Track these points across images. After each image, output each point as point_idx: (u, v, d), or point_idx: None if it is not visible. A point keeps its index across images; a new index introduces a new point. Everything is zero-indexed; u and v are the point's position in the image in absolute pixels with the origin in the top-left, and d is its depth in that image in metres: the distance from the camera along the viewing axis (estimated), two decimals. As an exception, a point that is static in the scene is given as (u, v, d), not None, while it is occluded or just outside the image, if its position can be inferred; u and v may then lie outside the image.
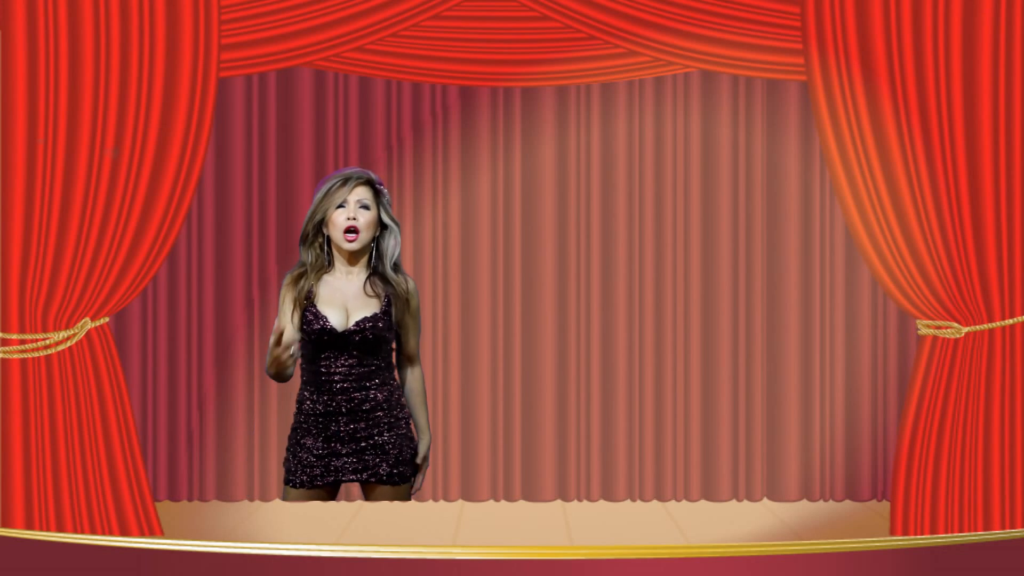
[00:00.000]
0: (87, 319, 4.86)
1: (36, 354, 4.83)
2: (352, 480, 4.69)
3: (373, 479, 4.68)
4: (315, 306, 4.64)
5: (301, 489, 4.70)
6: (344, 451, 4.66)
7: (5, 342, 4.84)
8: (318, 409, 4.65)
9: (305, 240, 4.70)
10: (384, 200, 4.71)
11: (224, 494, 6.20)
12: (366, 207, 4.66)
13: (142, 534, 4.88)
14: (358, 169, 4.72)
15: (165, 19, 4.86)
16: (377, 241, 4.72)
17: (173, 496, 6.20)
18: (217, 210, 6.19)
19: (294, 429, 4.73)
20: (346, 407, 4.65)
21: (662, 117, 6.27)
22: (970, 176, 4.89)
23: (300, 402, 4.72)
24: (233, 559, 4.36)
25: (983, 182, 4.88)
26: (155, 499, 5.40)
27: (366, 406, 4.67)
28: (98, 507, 4.87)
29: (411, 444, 4.75)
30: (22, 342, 4.84)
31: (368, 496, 4.75)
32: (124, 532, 4.87)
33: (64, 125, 4.83)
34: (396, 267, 4.73)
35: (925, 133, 4.89)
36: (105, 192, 4.84)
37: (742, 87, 6.25)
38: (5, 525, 4.79)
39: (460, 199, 6.27)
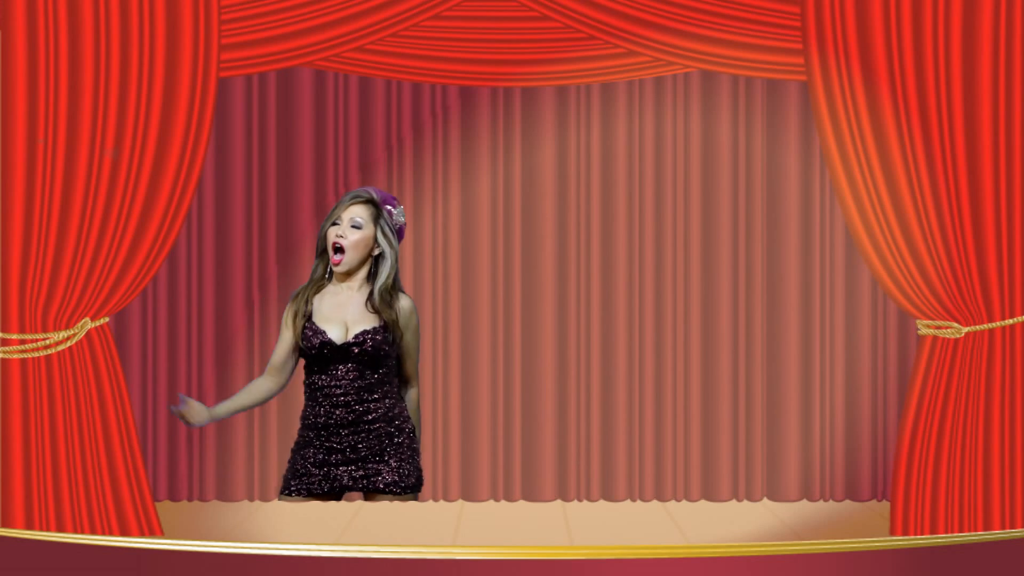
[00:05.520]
0: (87, 319, 4.86)
1: (36, 354, 4.83)
2: (352, 489, 4.70)
3: (374, 488, 4.69)
4: (313, 322, 4.66)
5: (298, 497, 4.71)
6: (344, 460, 4.67)
7: (5, 342, 4.84)
8: (319, 422, 4.67)
9: (317, 252, 4.75)
10: (385, 221, 4.69)
11: (224, 494, 6.20)
12: (358, 227, 4.66)
13: (142, 534, 4.88)
14: (368, 189, 4.73)
15: (165, 19, 4.86)
16: (374, 267, 4.71)
17: (173, 496, 6.20)
18: (217, 210, 6.19)
19: (296, 443, 4.75)
20: (348, 419, 4.66)
21: (662, 117, 6.27)
22: (970, 176, 4.89)
23: (304, 416, 4.74)
24: (233, 559, 4.36)
25: (983, 182, 4.88)
26: (155, 499, 5.40)
27: (368, 417, 4.67)
28: (98, 507, 4.87)
29: (413, 457, 4.74)
30: (22, 342, 4.84)
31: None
32: (124, 532, 4.87)
33: (64, 125, 4.83)
34: (390, 289, 4.69)
35: (925, 133, 4.89)
36: (105, 192, 4.84)
37: (742, 87, 6.25)
38: (5, 525, 4.79)
39: (460, 199, 6.27)
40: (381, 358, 4.67)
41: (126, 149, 4.85)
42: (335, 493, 4.73)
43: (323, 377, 4.67)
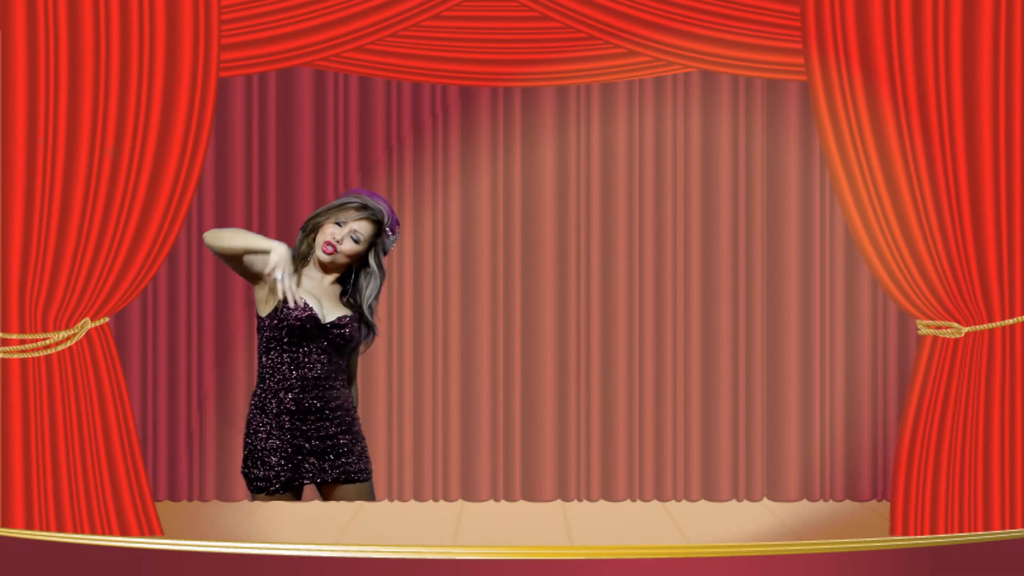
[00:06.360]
0: (87, 319, 4.86)
1: (36, 354, 4.83)
2: (320, 482, 4.70)
3: (343, 478, 4.71)
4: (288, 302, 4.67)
5: (273, 495, 4.73)
6: (312, 450, 4.68)
7: (5, 342, 4.84)
8: (288, 407, 4.67)
9: (304, 229, 4.78)
10: (382, 244, 4.76)
11: (224, 494, 6.20)
12: (356, 242, 4.71)
13: (142, 534, 4.88)
14: (380, 206, 4.75)
15: (165, 19, 4.86)
16: (356, 276, 4.77)
17: (173, 496, 6.21)
18: (217, 210, 6.19)
19: (254, 431, 4.71)
20: (318, 404, 4.68)
21: (662, 117, 6.27)
22: (970, 176, 4.89)
23: (262, 401, 4.70)
24: (233, 559, 4.36)
25: (983, 182, 4.88)
26: (155, 499, 5.40)
27: (333, 404, 4.71)
28: (98, 507, 4.87)
29: (365, 443, 4.80)
30: (22, 342, 4.84)
31: (328, 497, 4.77)
32: (124, 532, 4.87)
33: (64, 125, 4.83)
34: (371, 311, 4.78)
35: (925, 133, 4.89)
36: (105, 192, 4.84)
37: (742, 87, 6.25)
38: (5, 525, 4.79)
39: (460, 199, 6.27)
40: (349, 347, 4.74)
41: (126, 149, 4.85)
42: (300, 488, 4.75)
43: (295, 356, 4.68)
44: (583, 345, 6.30)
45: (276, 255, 4.58)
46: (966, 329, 4.91)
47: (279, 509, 4.87)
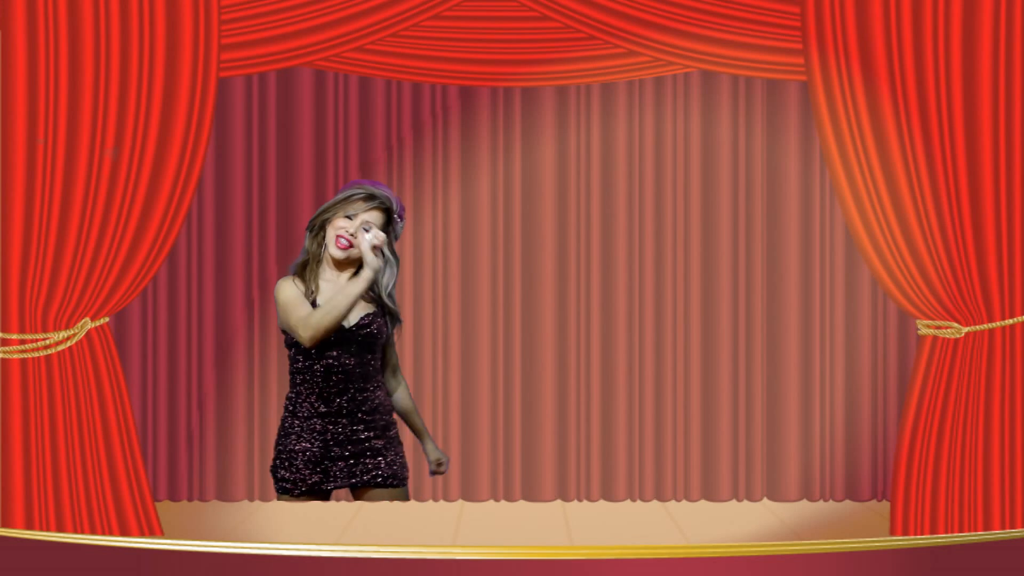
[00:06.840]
0: (87, 319, 4.86)
1: (36, 354, 4.83)
2: (352, 485, 4.70)
3: (372, 483, 4.69)
4: (319, 306, 4.65)
5: (297, 496, 4.71)
6: (342, 454, 4.67)
7: (5, 342, 4.84)
8: (319, 410, 4.66)
9: (311, 229, 4.75)
10: (392, 231, 4.73)
11: (224, 494, 6.20)
12: (367, 231, 4.68)
13: (142, 534, 4.88)
14: (386, 194, 4.72)
15: (165, 19, 4.86)
16: None
17: (173, 496, 6.20)
18: (217, 210, 6.19)
19: (286, 433, 4.71)
20: (347, 408, 4.66)
21: (662, 117, 6.27)
22: (970, 176, 4.89)
23: (294, 404, 4.70)
24: (233, 559, 4.36)
25: (983, 182, 4.88)
26: (155, 499, 5.40)
27: (366, 407, 4.68)
28: (98, 507, 4.87)
29: (401, 449, 4.77)
30: (22, 342, 4.84)
31: (360, 499, 4.75)
32: (124, 532, 4.87)
33: (64, 125, 4.83)
34: (392, 299, 4.76)
35: (925, 133, 4.89)
36: (105, 192, 4.84)
37: (742, 87, 6.25)
38: (5, 525, 4.80)
39: (460, 199, 6.27)
40: (379, 343, 4.71)
41: (126, 149, 4.85)
42: (329, 491, 4.73)
43: (324, 362, 4.67)
44: (583, 345, 6.29)
45: (370, 238, 4.62)
46: (966, 329, 4.91)
47: (279, 509, 4.87)
